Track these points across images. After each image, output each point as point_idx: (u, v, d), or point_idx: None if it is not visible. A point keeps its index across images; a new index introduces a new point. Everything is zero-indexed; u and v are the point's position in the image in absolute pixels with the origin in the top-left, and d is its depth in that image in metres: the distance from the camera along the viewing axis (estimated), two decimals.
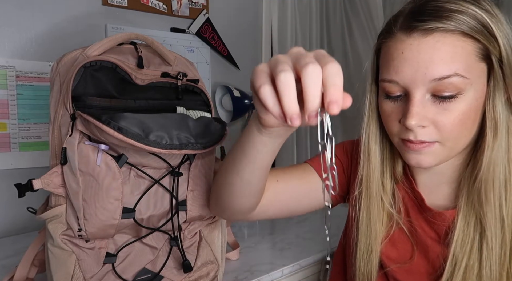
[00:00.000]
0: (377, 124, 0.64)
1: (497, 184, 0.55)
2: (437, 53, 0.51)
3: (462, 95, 0.53)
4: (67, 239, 0.65)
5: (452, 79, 0.51)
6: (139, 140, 0.58)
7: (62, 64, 0.69)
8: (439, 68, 0.51)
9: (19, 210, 1.14)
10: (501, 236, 0.55)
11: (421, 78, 0.52)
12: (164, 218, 0.71)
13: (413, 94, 0.54)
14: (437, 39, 0.52)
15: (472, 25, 0.51)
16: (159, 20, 1.44)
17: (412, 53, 0.53)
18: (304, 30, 1.87)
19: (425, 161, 0.57)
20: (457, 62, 0.51)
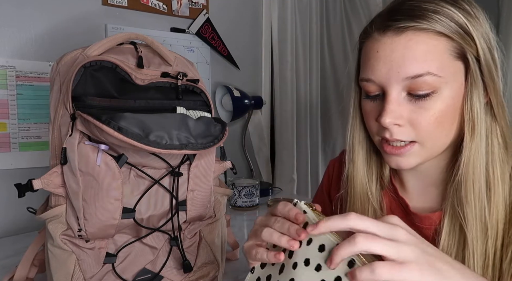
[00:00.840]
0: (361, 124, 0.64)
1: (477, 185, 0.54)
2: (410, 51, 0.52)
3: (437, 94, 0.52)
4: (67, 239, 0.65)
5: (425, 77, 0.51)
6: (139, 140, 0.58)
7: (62, 64, 0.69)
8: (411, 66, 0.52)
9: (19, 210, 1.14)
10: (483, 238, 0.53)
11: (395, 76, 0.53)
12: (164, 218, 0.71)
13: (388, 92, 0.54)
14: (410, 37, 0.52)
15: (446, 24, 0.51)
16: (159, 20, 1.44)
17: (385, 52, 0.53)
18: (304, 30, 1.87)
19: (405, 162, 0.56)
20: (430, 60, 0.51)
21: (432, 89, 0.52)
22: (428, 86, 0.52)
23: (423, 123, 0.53)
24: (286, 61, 1.80)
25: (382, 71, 0.54)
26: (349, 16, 2.02)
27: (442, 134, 0.55)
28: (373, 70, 0.55)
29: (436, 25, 0.51)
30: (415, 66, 0.51)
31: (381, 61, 0.54)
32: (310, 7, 1.89)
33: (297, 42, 1.84)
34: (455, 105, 0.54)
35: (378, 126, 0.57)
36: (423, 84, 0.52)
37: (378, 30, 0.55)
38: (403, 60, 0.52)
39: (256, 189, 1.44)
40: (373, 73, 0.55)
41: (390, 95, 0.54)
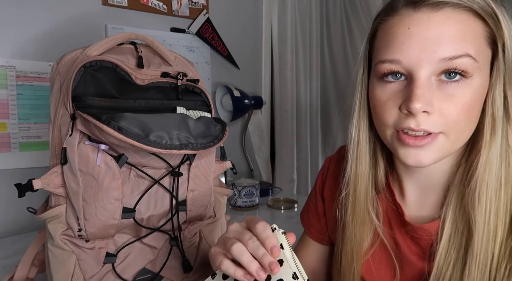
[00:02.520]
0: (368, 120, 0.59)
1: (491, 186, 0.50)
2: (448, 30, 0.47)
3: (469, 80, 0.48)
4: (67, 239, 0.65)
5: (463, 60, 0.47)
6: (139, 140, 0.58)
7: (62, 64, 0.69)
8: (449, 46, 0.47)
9: (19, 210, 1.14)
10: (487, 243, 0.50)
11: (429, 56, 0.47)
12: (164, 218, 0.71)
13: (417, 75, 0.48)
14: (448, 15, 0.47)
15: (483, 5, 0.48)
16: (159, 20, 1.44)
17: (420, 28, 0.48)
18: (304, 30, 1.87)
19: (425, 157, 0.50)
20: (468, 42, 0.47)
21: (466, 74, 0.48)
22: (463, 70, 0.47)
23: (454, 113, 0.48)
24: (286, 61, 1.80)
25: (414, 51, 0.48)
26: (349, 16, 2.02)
27: (468, 127, 0.51)
28: (401, 48, 0.49)
29: (474, 5, 0.48)
30: (454, 46, 0.47)
31: (413, 39, 0.48)
32: (310, 7, 1.89)
33: (297, 42, 1.85)
34: (482, 97, 0.50)
35: (399, 115, 0.50)
36: (459, 66, 0.47)
37: (409, 5, 0.49)
38: (440, 39, 0.47)
39: (256, 189, 1.44)
40: (401, 52, 0.49)
41: (419, 78, 0.48)
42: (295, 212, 1.41)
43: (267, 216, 1.38)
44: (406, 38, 0.49)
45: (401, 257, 0.59)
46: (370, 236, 0.61)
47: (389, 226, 0.61)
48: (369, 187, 0.61)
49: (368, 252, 0.61)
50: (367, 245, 0.62)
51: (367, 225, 0.61)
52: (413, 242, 0.58)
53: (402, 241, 0.59)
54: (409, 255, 0.58)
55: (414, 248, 0.58)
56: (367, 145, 0.60)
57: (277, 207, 1.44)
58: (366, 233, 0.61)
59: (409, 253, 0.58)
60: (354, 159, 0.60)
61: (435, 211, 0.57)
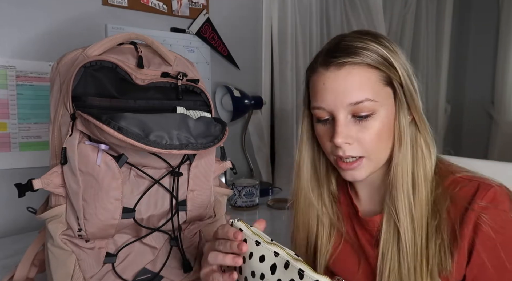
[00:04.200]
0: (309, 145, 0.75)
1: (405, 186, 0.65)
2: (349, 82, 0.63)
3: (375, 115, 0.64)
4: (67, 239, 0.65)
5: (365, 103, 0.63)
6: (139, 140, 0.58)
7: (62, 64, 0.69)
8: (352, 94, 0.63)
9: (19, 210, 1.14)
10: (412, 231, 0.64)
11: (340, 103, 0.63)
12: (164, 218, 0.71)
13: (337, 117, 0.64)
14: (348, 70, 0.63)
15: (375, 58, 0.63)
16: (159, 20, 1.44)
17: (330, 83, 0.64)
18: (304, 30, 1.87)
19: (358, 175, 0.67)
20: (366, 89, 0.63)
21: (371, 111, 0.63)
22: (367, 109, 0.63)
23: (367, 140, 0.64)
24: (286, 61, 1.80)
25: (329, 100, 0.64)
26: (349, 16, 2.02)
27: (382, 148, 0.66)
28: (322, 99, 0.65)
29: (367, 59, 0.63)
30: (356, 94, 0.63)
31: (328, 91, 0.64)
32: (310, 7, 1.88)
33: (297, 42, 1.84)
34: (390, 123, 0.65)
35: (332, 146, 0.66)
36: (364, 108, 0.63)
37: (322, 65, 0.65)
38: (345, 90, 0.63)
39: (256, 189, 1.44)
40: (322, 102, 0.65)
41: (339, 119, 0.64)
42: None
43: (267, 216, 1.38)
44: (323, 91, 0.65)
45: (363, 249, 0.73)
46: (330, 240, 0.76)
47: (352, 225, 0.75)
48: (325, 197, 0.76)
49: (336, 250, 0.76)
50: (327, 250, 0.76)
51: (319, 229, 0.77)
52: (367, 233, 0.72)
53: (360, 234, 0.73)
54: (365, 245, 0.72)
55: (368, 237, 0.72)
56: (308, 162, 0.76)
57: (277, 207, 1.44)
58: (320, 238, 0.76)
59: (366, 243, 0.72)
60: (296, 176, 0.77)
61: (379, 207, 0.72)
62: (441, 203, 0.64)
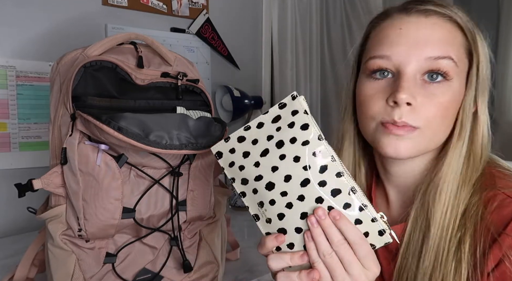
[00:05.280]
0: (353, 121, 0.63)
1: (451, 185, 0.54)
2: (435, 33, 0.52)
3: (450, 82, 0.52)
4: (67, 239, 0.65)
5: (446, 61, 0.52)
6: (139, 140, 0.58)
7: (62, 64, 0.69)
8: (435, 47, 0.52)
9: (19, 210, 1.14)
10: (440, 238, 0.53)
11: (417, 54, 0.52)
12: (164, 218, 0.71)
13: (404, 71, 0.52)
14: (435, 21, 0.53)
15: (465, 21, 0.54)
16: (159, 20, 1.44)
17: (410, 29, 0.53)
18: (304, 30, 1.87)
19: (404, 147, 0.53)
20: (451, 47, 0.53)
21: (447, 75, 0.52)
22: (446, 70, 0.52)
23: (431, 111, 0.52)
24: (286, 61, 1.80)
25: (403, 48, 0.53)
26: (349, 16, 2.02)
27: (442, 128, 0.54)
28: (392, 45, 0.53)
29: (457, 17, 0.54)
30: (439, 48, 0.52)
31: (403, 37, 0.53)
32: (310, 7, 1.88)
33: (297, 42, 1.84)
34: (458, 101, 0.54)
35: (385, 107, 0.53)
36: (442, 67, 0.52)
37: (400, 11, 0.55)
38: (428, 40, 0.52)
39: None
40: (391, 49, 0.53)
41: (406, 73, 0.52)
42: None
43: None
44: (397, 36, 0.54)
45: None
46: None
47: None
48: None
49: None
50: None
51: None
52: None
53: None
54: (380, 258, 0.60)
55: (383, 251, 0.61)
56: (350, 142, 0.64)
57: None
58: None
59: (381, 256, 0.61)
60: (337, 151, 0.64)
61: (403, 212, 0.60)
62: (471, 215, 0.52)
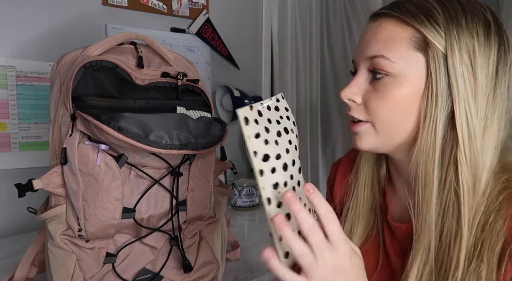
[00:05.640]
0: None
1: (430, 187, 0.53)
2: (376, 35, 0.56)
3: (390, 78, 0.54)
4: (67, 239, 0.65)
5: (379, 59, 0.54)
6: (139, 140, 0.58)
7: (62, 64, 0.69)
8: (372, 48, 0.55)
9: (19, 210, 1.14)
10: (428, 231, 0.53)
11: (360, 55, 0.57)
12: (164, 218, 0.71)
13: (357, 71, 0.58)
14: (380, 23, 0.56)
15: (415, 14, 0.53)
16: (159, 20, 1.43)
17: (363, 34, 0.59)
18: (304, 30, 1.87)
19: (359, 142, 0.58)
20: (388, 45, 0.54)
21: (385, 72, 0.54)
22: (381, 68, 0.54)
23: (373, 105, 0.56)
24: (286, 61, 1.80)
25: (356, 52, 0.59)
26: (349, 16, 2.02)
27: (393, 121, 0.55)
28: (355, 51, 0.60)
29: (406, 14, 0.54)
30: (374, 48, 0.55)
31: (359, 42, 0.59)
32: (310, 7, 1.88)
33: (297, 42, 1.84)
34: (411, 96, 0.54)
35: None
36: (377, 65, 0.54)
37: (369, 17, 0.60)
38: (369, 42, 0.56)
39: (256, 189, 1.44)
40: (354, 54, 0.60)
41: (357, 73, 0.58)
42: None
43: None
44: (358, 43, 0.60)
45: (387, 255, 0.63)
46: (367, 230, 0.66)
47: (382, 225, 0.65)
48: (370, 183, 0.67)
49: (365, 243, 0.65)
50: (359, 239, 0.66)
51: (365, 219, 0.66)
52: (395, 241, 0.62)
53: (388, 241, 0.63)
54: (390, 252, 0.62)
55: (395, 245, 0.62)
56: None
57: None
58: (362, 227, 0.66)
59: (391, 250, 0.62)
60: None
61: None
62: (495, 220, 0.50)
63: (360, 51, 0.58)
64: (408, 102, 0.54)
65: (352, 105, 0.58)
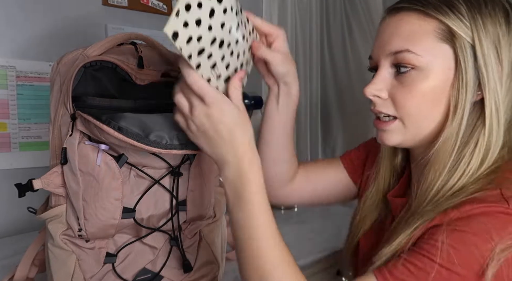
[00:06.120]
0: None
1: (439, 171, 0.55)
2: (397, 30, 0.56)
3: (417, 72, 0.54)
4: (67, 239, 0.65)
5: (404, 54, 0.54)
6: (139, 140, 0.58)
7: (62, 64, 0.69)
8: (394, 43, 0.56)
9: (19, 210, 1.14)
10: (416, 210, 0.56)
11: (382, 51, 0.57)
12: (164, 218, 0.71)
13: (379, 67, 0.58)
14: (401, 17, 0.56)
15: (437, 5, 0.53)
16: (159, 20, 1.43)
17: (382, 29, 0.59)
18: (304, 30, 1.87)
19: (388, 138, 0.59)
20: (412, 39, 0.54)
21: (411, 66, 0.54)
22: (408, 62, 0.54)
23: (401, 99, 0.56)
24: None
25: (376, 48, 0.59)
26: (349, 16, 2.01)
27: (422, 115, 0.56)
28: (373, 47, 0.60)
29: (428, 6, 0.54)
30: (399, 43, 0.55)
31: (377, 39, 0.59)
32: (310, 7, 1.88)
33: (297, 42, 1.84)
34: (439, 88, 0.55)
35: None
36: (403, 60, 0.55)
37: (384, 13, 0.60)
38: (390, 37, 0.56)
39: None
40: (372, 51, 0.60)
41: (379, 69, 0.58)
42: (295, 212, 1.41)
43: None
44: (376, 38, 0.60)
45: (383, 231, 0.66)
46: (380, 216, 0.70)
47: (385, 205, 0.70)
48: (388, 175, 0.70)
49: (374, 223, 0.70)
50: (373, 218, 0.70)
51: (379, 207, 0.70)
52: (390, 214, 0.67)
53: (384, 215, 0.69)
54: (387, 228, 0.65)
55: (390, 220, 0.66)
56: None
57: (277, 207, 1.44)
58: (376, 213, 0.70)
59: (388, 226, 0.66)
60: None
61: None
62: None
63: (380, 46, 0.58)
64: (437, 94, 0.55)
65: (377, 101, 0.58)
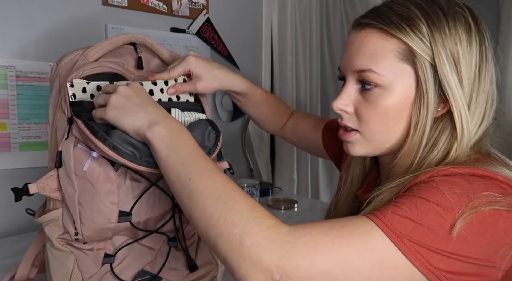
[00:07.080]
0: None
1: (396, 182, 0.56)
2: (362, 47, 0.57)
3: (380, 90, 0.56)
4: (64, 242, 0.65)
5: (368, 73, 0.55)
6: (133, 160, 0.58)
7: (62, 65, 0.69)
8: (359, 61, 0.57)
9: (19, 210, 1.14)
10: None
11: (348, 67, 0.59)
12: (161, 220, 0.71)
13: (346, 81, 0.60)
14: (366, 34, 0.57)
15: (399, 26, 0.53)
16: (159, 20, 1.44)
17: (349, 44, 0.59)
18: (304, 30, 1.87)
19: (352, 149, 0.62)
20: (375, 59, 0.55)
21: (374, 85, 0.56)
22: (371, 81, 0.56)
23: (365, 115, 0.58)
24: (286, 61, 1.80)
25: (343, 61, 0.60)
26: (349, 16, 2.02)
27: (383, 131, 0.58)
28: (341, 59, 0.61)
29: (390, 25, 0.54)
30: (362, 62, 0.56)
31: (345, 52, 0.60)
32: (310, 7, 1.88)
33: (297, 42, 1.84)
34: (401, 106, 0.56)
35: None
36: (367, 78, 0.56)
37: (352, 24, 0.61)
38: (356, 54, 0.57)
39: (256, 189, 1.44)
40: (341, 62, 0.62)
41: (346, 84, 0.60)
42: (295, 212, 1.41)
43: None
44: (344, 51, 0.61)
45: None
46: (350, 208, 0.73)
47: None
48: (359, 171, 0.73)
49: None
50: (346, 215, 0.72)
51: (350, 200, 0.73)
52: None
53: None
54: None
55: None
56: None
57: (277, 207, 1.44)
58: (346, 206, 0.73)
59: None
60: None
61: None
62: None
63: (347, 62, 0.59)
64: (398, 111, 0.56)
65: (344, 116, 0.60)
